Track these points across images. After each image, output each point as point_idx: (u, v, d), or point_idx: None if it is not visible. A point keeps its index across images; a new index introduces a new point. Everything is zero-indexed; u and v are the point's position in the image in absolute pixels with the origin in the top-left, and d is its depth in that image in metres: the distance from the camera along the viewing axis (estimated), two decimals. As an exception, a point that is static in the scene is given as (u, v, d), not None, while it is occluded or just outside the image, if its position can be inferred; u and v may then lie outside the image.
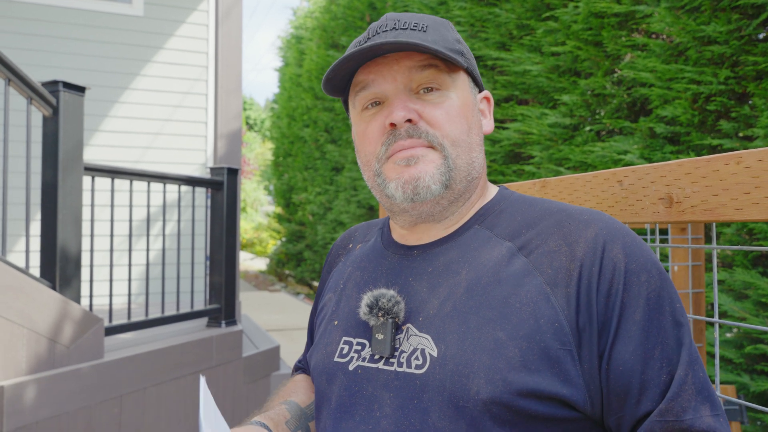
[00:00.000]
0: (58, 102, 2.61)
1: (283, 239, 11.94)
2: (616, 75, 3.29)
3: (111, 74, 5.05)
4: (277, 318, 7.20)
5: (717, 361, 0.94)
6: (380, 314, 0.80)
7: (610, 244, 0.73)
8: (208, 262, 3.85)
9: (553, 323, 0.71)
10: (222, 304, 3.66)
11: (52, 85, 2.61)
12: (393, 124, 0.80)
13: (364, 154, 0.86)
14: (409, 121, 0.80)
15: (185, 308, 3.71)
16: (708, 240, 2.56)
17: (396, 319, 0.79)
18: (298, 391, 1.00)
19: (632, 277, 0.71)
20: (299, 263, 10.80)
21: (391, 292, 0.81)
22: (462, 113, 0.83)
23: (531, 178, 3.71)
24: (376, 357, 0.80)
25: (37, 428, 2.40)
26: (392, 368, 0.78)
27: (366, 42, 0.82)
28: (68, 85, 2.64)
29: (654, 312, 0.70)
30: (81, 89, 2.71)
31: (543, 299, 0.72)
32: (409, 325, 0.79)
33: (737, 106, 2.64)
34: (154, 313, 3.40)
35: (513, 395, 0.69)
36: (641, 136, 3.04)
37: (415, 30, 0.81)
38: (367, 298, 0.82)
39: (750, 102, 2.64)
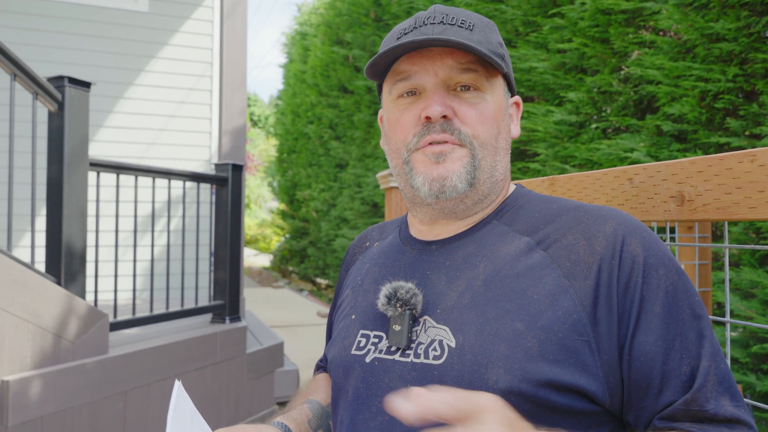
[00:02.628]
0: (63, 97, 2.61)
1: (287, 236, 11.95)
2: (623, 72, 3.27)
3: (116, 70, 5.05)
4: (280, 314, 7.21)
5: (728, 360, 0.93)
6: (398, 305, 0.81)
7: (629, 239, 0.75)
8: (212, 258, 3.85)
9: (571, 314, 0.72)
10: (226, 300, 3.66)
11: (58, 81, 2.61)
12: (428, 118, 0.82)
13: (395, 141, 0.88)
14: (444, 117, 0.81)
15: (189, 304, 3.71)
16: (715, 239, 2.55)
17: (413, 311, 0.80)
18: (320, 390, 1.01)
19: (651, 271, 0.73)
20: (303, 260, 10.80)
21: (410, 285, 0.82)
22: (494, 117, 0.84)
23: (536, 175, 3.69)
24: (393, 349, 0.81)
25: (42, 423, 2.41)
26: (408, 360, 0.78)
27: (412, 31, 0.83)
28: (74, 81, 2.64)
29: (673, 304, 0.72)
30: (86, 85, 2.71)
31: (561, 291, 0.73)
32: (426, 317, 0.80)
33: (745, 104, 2.62)
34: (159, 309, 3.40)
35: (531, 385, 0.69)
36: (648, 133, 3.02)
37: (462, 27, 0.83)
38: (385, 290, 0.83)
39: (758, 100, 2.62)
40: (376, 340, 0.84)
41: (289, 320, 6.84)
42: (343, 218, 8.12)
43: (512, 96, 0.92)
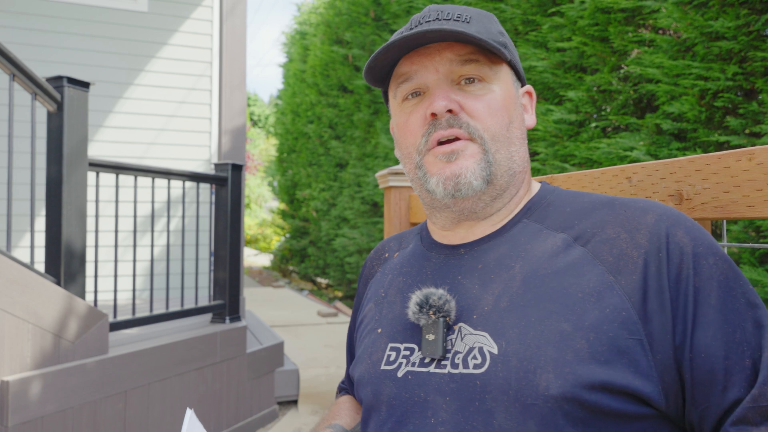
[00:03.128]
0: (62, 98, 2.60)
1: (287, 235, 11.95)
2: (622, 71, 3.27)
3: (115, 70, 5.05)
4: (281, 314, 7.21)
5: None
6: (431, 312, 0.76)
7: (674, 229, 0.70)
8: (212, 258, 3.85)
9: (619, 312, 0.67)
10: (226, 300, 3.66)
11: (57, 81, 2.61)
12: (434, 114, 0.79)
13: (405, 146, 0.85)
14: (450, 111, 0.79)
15: (189, 304, 3.71)
16: (716, 238, 2.54)
17: (447, 319, 0.76)
18: (342, 414, 0.97)
19: (701, 261, 0.68)
20: (303, 259, 10.80)
21: (441, 291, 0.77)
22: (504, 106, 0.81)
23: (536, 174, 3.69)
24: (427, 360, 0.76)
25: (42, 423, 2.41)
26: (445, 371, 0.74)
27: (409, 32, 0.80)
28: (73, 81, 2.64)
29: (728, 295, 0.67)
30: (85, 85, 2.71)
31: (607, 288, 0.69)
32: (462, 324, 0.75)
33: (745, 102, 2.62)
34: (159, 309, 3.41)
35: (585, 389, 0.65)
36: (647, 132, 3.02)
37: (458, 21, 0.80)
38: (416, 297, 0.78)
39: (758, 98, 2.62)
40: (408, 353, 0.79)
41: (289, 320, 6.84)
42: (343, 218, 8.12)
43: (522, 86, 0.89)
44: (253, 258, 15.82)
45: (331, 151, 8.43)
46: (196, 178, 3.55)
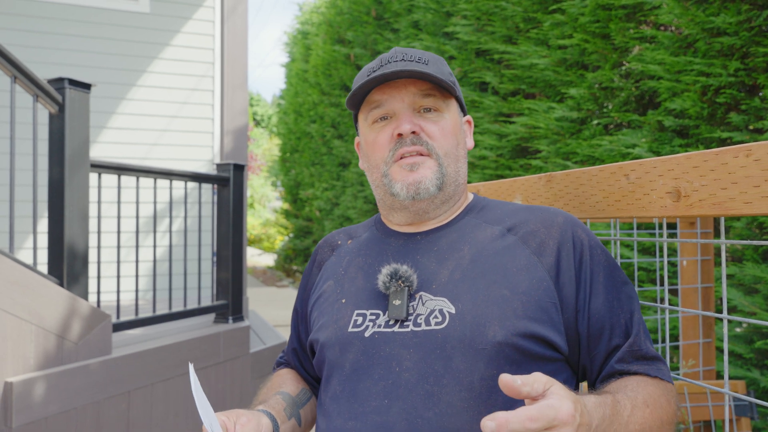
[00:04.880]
0: (64, 99, 2.61)
1: (291, 235, 11.95)
2: (624, 68, 3.26)
3: (117, 71, 5.06)
4: (284, 313, 7.22)
5: (726, 357, 0.92)
6: (400, 282, 0.94)
7: (575, 228, 0.98)
8: (214, 258, 3.85)
9: (542, 282, 0.92)
10: (229, 300, 3.67)
11: (58, 83, 2.61)
12: (400, 134, 0.99)
13: (374, 158, 1.04)
14: (413, 133, 0.99)
15: (192, 304, 3.71)
16: (717, 234, 2.53)
17: (410, 288, 0.94)
18: (287, 383, 1.12)
19: (593, 251, 0.96)
20: (306, 259, 10.81)
21: (405, 266, 0.96)
22: (452, 131, 1.03)
23: (538, 172, 3.68)
24: (391, 322, 0.93)
25: (46, 424, 2.42)
26: (408, 329, 0.92)
27: (379, 69, 1.00)
28: (74, 83, 2.64)
29: (609, 276, 0.95)
30: (87, 86, 2.71)
31: (533, 265, 0.93)
32: (422, 293, 0.94)
33: (747, 98, 2.60)
34: (162, 309, 3.41)
35: (519, 337, 0.87)
36: (649, 129, 3.01)
37: (419, 63, 1.00)
38: (386, 270, 0.96)
39: (760, 94, 2.60)
40: (374, 317, 0.96)
41: (293, 319, 6.83)
42: (346, 217, 8.12)
43: (465, 116, 1.11)
44: (256, 258, 15.83)
45: (334, 151, 8.43)
46: (198, 178, 3.56)
